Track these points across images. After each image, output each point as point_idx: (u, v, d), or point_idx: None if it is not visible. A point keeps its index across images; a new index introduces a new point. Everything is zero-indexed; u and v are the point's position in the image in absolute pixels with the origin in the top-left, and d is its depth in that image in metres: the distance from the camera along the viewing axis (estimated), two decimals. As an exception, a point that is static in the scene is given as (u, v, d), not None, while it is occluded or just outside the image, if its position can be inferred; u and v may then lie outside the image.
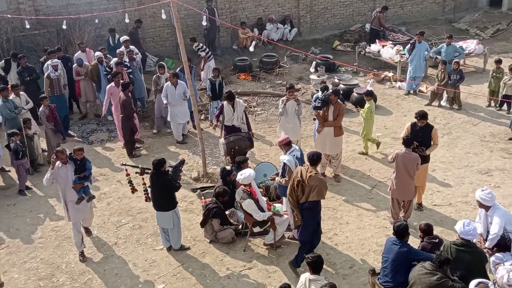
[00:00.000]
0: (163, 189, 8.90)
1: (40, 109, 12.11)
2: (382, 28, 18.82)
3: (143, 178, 9.35)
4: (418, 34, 15.68)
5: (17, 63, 14.04)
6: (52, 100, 13.30)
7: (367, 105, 11.94)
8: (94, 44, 16.31)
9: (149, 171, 9.06)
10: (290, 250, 9.23)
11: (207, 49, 15.66)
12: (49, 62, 13.46)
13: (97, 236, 9.92)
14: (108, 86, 12.87)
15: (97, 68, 13.82)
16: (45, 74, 13.35)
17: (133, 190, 9.55)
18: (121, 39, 15.15)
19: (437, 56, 15.46)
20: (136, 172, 9.34)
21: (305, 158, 8.70)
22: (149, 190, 9.18)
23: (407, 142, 9.16)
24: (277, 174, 9.54)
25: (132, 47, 14.91)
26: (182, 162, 9.60)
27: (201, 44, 15.72)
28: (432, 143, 9.74)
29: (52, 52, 13.95)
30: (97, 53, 14.08)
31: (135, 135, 12.88)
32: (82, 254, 9.28)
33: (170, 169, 9.09)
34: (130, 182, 9.54)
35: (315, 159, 8.30)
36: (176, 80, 12.63)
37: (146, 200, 9.51)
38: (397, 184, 9.26)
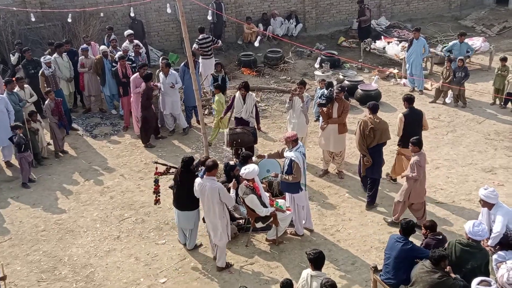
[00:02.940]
0: (190, 188, 8.63)
1: (46, 102, 12.16)
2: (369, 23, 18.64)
3: (156, 186, 9.29)
4: (414, 30, 15.54)
5: (21, 54, 14.09)
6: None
7: (216, 97, 12.19)
8: (99, 38, 16.32)
9: (174, 171, 8.99)
10: (292, 246, 9.24)
11: (210, 46, 15.27)
12: (41, 59, 13.45)
13: (100, 229, 9.95)
14: (133, 76, 12.93)
15: (102, 62, 13.80)
16: (40, 72, 13.33)
17: (156, 190, 9.37)
18: (125, 33, 15.17)
19: (449, 53, 15.24)
20: (157, 173, 9.27)
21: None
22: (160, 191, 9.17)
23: (418, 144, 9.01)
24: (276, 176, 9.45)
25: (136, 41, 14.91)
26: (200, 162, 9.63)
27: (210, 37, 15.40)
28: (423, 128, 10.16)
29: (60, 45, 13.94)
30: (102, 47, 14.08)
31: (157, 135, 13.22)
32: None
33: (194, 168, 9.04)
34: (156, 181, 9.38)
35: (376, 107, 9.95)
36: (168, 69, 12.92)
37: (155, 203, 9.49)
38: (417, 190, 9.18)
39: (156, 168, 9.42)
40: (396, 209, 9.53)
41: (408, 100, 10.28)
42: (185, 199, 8.82)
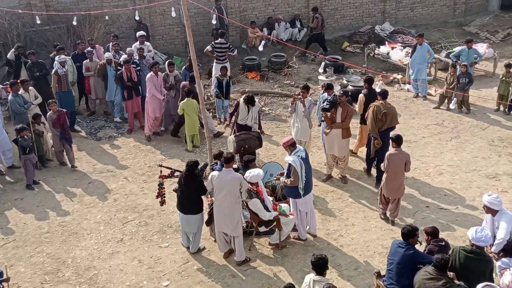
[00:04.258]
0: (194, 191, 8.76)
1: (48, 113, 11.94)
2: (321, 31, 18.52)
3: (159, 190, 9.32)
4: (418, 36, 15.57)
5: (24, 56, 14.13)
6: (59, 96, 13.44)
7: (184, 104, 12.30)
8: (104, 41, 16.36)
9: (178, 174, 9.02)
10: (295, 251, 9.24)
11: (225, 52, 15.28)
12: (56, 58, 13.52)
13: (103, 232, 9.96)
14: (148, 76, 13.02)
15: (105, 68, 13.83)
16: (53, 70, 13.42)
17: (159, 194, 9.37)
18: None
19: (457, 60, 15.20)
20: (162, 176, 9.28)
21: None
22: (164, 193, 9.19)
23: (396, 140, 9.48)
24: (281, 174, 9.52)
25: (147, 43, 14.98)
26: (206, 165, 9.64)
27: (227, 44, 15.47)
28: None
29: (61, 49, 14.02)
30: (107, 54, 14.03)
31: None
32: None
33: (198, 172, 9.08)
34: (160, 184, 9.41)
35: (386, 93, 10.82)
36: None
37: (162, 204, 9.49)
38: (387, 182, 9.59)
39: (161, 171, 9.43)
40: (379, 202, 10.07)
41: (368, 81, 11.75)
42: (189, 203, 8.85)
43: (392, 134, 10.05)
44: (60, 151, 12.20)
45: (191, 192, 8.75)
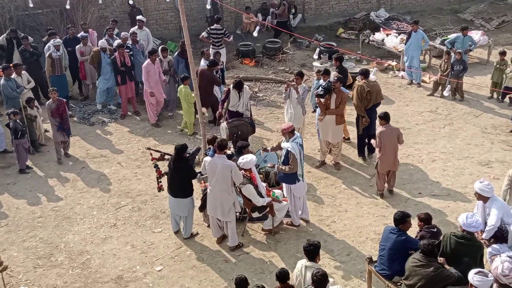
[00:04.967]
0: (183, 175, 8.80)
1: (47, 102, 11.60)
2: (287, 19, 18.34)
3: (158, 170, 9.29)
4: (412, 23, 15.51)
5: (16, 40, 13.98)
6: (52, 80, 13.34)
7: (183, 89, 12.35)
8: (97, 25, 16.24)
9: (168, 157, 9.03)
10: (288, 236, 9.28)
11: (221, 38, 15.13)
12: (51, 41, 13.39)
13: (97, 217, 9.97)
14: (145, 64, 12.87)
15: (99, 55, 13.49)
16: (47, 54, 13.30)
17: (160, 174, 9.32)
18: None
19: (452, 47, 15.15)
20: (153, 159, 9.31)
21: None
22: (163, 177, 9.15)
23: (384, 117, 9.79)
24: (273, 166, 9.54)
25: (147, 30, 14.87)
26: (199, 150, 9.65)
27: (223, 29, 15.31)
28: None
29: (53, 34, 13.89)
30: (101, 42, 13.70)
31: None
32: None
33: (187, 155, 9.09)
34: (156, 166, 9.43)
35: (367, 72, 11.22)
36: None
37: (159, 190, 9.49)
38: (382, 159, 9.89)
39: (151, 154, 9.47)
40: (377, 181, 10.31)
41: (339, 59, 12.36)
42: (178, 186, 8.91)
43: (379, 112, 10.30)
44: (59, 143, 11.68)
45: (180, 176, 8.81)
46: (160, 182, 9.40)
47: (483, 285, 5.83)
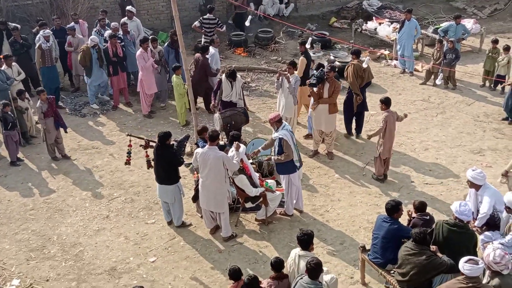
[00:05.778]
0: (167, 163, 8.83)
1: (37, 104, 11.17)
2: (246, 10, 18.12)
3: (146, 151, 9.27)
4: (406, 12, 15.48)
5: (6, 31, 13.81)
6: (43, 71, 13.22)
7: (174, 79, 12.27)
8: (88, 16, 16.08)
9: (154, 144, 9.02)
10: (281, 226, 9.28)
11: (214, 28, 15.02)
12: (41, 32, 13.24)
13: (89, 208, 9.92)
14: (138, 52, 12.74)
15: (90, 53, 13.03)
16: (37, 45, 13.16)
17: (128, 162, 9.56)
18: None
19: (444, 35, 15.13)
20: (141, 145, 9.31)
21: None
22: (152, 163, 9.16)
23: (385, 102, 10.05)
24: (269, 159, 9.53)
25: (137, 20, 14.68)
26: (187, 138, 9.61)
27: (216, 19, 15.15)
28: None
29: (43, 24, 13.71)
30: (92, 38, 13.28)
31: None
32: None
33: (175, 143, 9.07)
34: (129, 153, 9.55)
35: (359, 52, 11.90)
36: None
37: (148, 168, 9.50)
38: (385, 143, 10.06)
39: (130, 141, 9.50)
40: (375, 165, 10.45)
41: (304, 43, 12.56)
42: (163, 173, 8.93)
43: (381, 97, 10.40)
44: (53, 143, 11.34)
45: (163, 163, 8.84)
46: (128, 155, 9.57)
47: (474, 273, 5.85)
